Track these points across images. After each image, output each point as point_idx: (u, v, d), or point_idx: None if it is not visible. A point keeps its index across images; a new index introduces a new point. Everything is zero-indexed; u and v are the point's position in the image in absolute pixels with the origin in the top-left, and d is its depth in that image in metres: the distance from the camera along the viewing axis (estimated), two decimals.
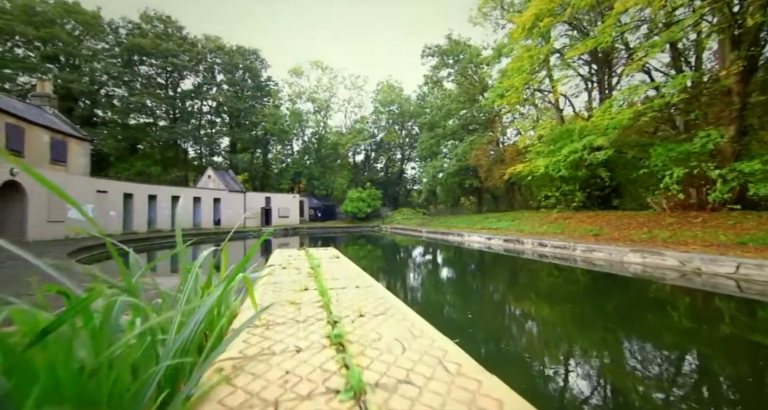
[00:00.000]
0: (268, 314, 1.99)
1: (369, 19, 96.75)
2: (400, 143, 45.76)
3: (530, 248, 12.87)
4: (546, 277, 9.00)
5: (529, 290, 7.69)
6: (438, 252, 16.69)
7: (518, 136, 28.75)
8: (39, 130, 15.19)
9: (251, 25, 78.62)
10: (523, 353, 4.14)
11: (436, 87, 32.61)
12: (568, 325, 5.15)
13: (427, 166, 29.39)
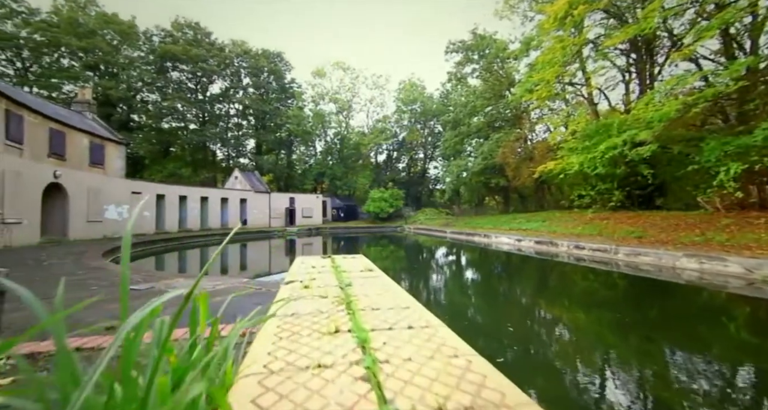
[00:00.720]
0: None
1: (369, 19, 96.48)
2: (423, 142, 45.11)
3: (565, 250, 12.07)
4: (591, 283, 8.31)
5: (576, 300, 7.08)
6: (466, 255, 16.11)
7: (548, 132, 27.52)
8: (79, 134, 15.99)
9: (251, 24, 79.84)
10: (592, 386, 3.66)
11: (460, 84, 31.80)
12: (626, 341, 4.58)
13: (450, 165, 28.69)
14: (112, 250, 12.39)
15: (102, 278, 5.69)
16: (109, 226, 17.31)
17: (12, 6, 30.65)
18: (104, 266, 7.13)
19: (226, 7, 73.88)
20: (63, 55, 33.56)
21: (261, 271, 12.64)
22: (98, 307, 3.73)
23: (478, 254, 15.62)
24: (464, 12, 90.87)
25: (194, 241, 20.65)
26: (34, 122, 13.24)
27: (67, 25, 32.10)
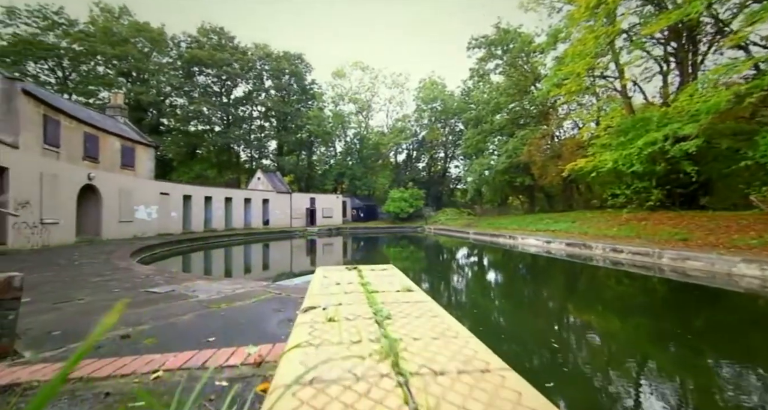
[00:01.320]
0: None
1: (369, 19, 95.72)
2: (443, 141, 44.35)
3: (600, 253, 11.29)
4: (633, 290, 7.65)
5: (618, 309, 6.49)
6: (491, 257, 15.50)
7: (575, 129, 26.27)
8: (111, 137, 16.64)
9: (251, 24, 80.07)
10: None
11: (482, 80, 30.93)
12: (680, 357, 4.04)
13: (473, 164, 27.94)
14: (141, 249, 12.74)
15: (125, 279, 5.69)
16: (139, 226, 17.93)
17: (54, 18, 32.59)
18: (131, 267, 7.21)
19: (226, 7, 74.91)
20: (99, 63, 35.36)
21: (282, 271, 12.63)
22: None
23: (505, 257, 14.97)
24: (464, 12, 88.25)
25: (219, 241, 21.10)
26: (70, 126, 13.84)
27: (103, 35, 33.78)
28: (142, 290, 4.69)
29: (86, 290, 4.79)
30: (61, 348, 2.66)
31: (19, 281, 2.75)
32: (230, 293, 4.52)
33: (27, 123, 11.40)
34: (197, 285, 5.10)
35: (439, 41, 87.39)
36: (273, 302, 4.05)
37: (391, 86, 44.23)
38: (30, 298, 4.24)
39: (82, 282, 5.41)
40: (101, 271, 6.58)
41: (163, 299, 4.16)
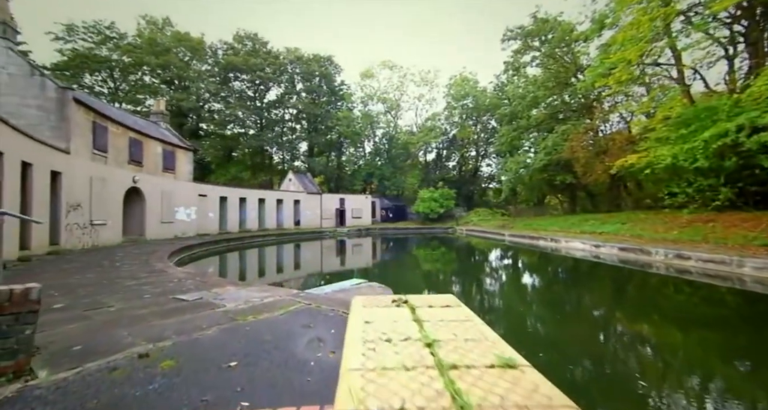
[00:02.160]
0: None
1: (369, 19, 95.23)
2: (475, 139, 42.87)
3: (662, 260, 10.04)
4: (711, 306, 6.59)
5: (696, 328, 5.56)
6: (533, 262, 14.46)
7: (622, 122, 24.17)
8: (154, 142, 17.46)
9: (251, 24, 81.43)
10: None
11: (517, 74, 29.39)
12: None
13: (508, 162, 26.57)
14: (180, 249, 13.15)
15: (158, 283, 5.64)
16: (179, 226, 18.70)
17: (106, 33, 35.21)
18: (166, 269, 7.26)
19: (226, 7, 76.75)
20: (145, 73, 37.77)
21: (313, 271, 12.49)
22: (142, 321, 3.44)
23: (549, 262, 13.89)
24: (464, 13, 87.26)
25: (253, 241, 21.59)
26: (117, 132, 14.62)
27: (148, 46, 36.01)
28: (171, 297, 4.54)
29: (119, 295, 4.73)
30: (77, 367, 2.44)
31: (37, 293, 2.57)
32: (258, 303, 4.25)
33: (78, 130, 12.11)
34: (226, 292, 4.90)
35: (439, 42, 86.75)
36: (302, 315, 3.71)
37: (420, 84, 43.49)
38: (64, 303, 4.21)
39: (117, 286, 5.41)
40: (137, 273, 6.65)
41: (189, 309, 3.96)
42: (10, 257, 7.91)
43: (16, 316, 2.46)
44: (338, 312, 3.80)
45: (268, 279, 11.81)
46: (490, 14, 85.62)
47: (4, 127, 7.78)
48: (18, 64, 11.19)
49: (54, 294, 4.80)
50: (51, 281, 5.86)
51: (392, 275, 11.70)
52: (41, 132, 11.15)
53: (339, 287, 5.36)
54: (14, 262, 7.76)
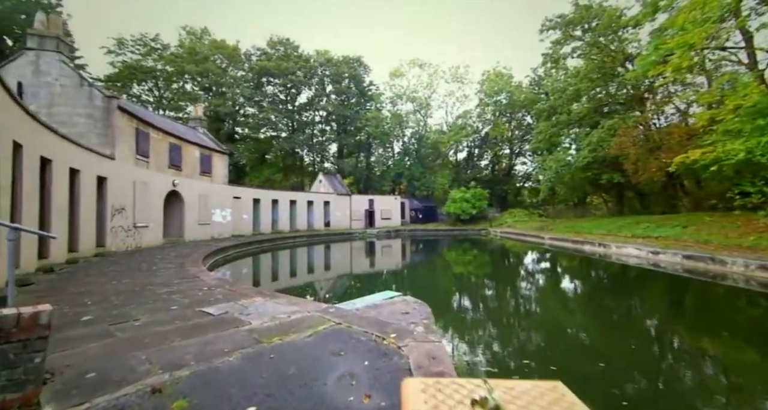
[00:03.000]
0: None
1: (369, 19, 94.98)
2: (509, 137, 41.04)
3: (741, 272, 8.67)
4: None
5: None
6: (581, 270, 13.25)
7: (676, 114, 21.81)
8: (192, 147, 18.12)
9: (252, 24, 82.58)
10: None
11: (556, 67, 27.60)
12: None
13: (546, 160, 24.97)
14: (215, 251, 13.43)
15: (188, 292, 5.53)
16: (216, 228, 19.30)
17: (151, 45, 37.54)
18: (198, 274, 7.24)
19: (225, 7, 78.25)
20: (186, 81, 39.86)
21: (341, 275, 12.21)
22: (163, 341, 3.21)
23: (599, 270, 12.67)
24: (464, 13, 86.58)
25: (284, 242, 21.88)
26: (158, 137, 15.27)
27: (189, 55, 37.95)
28: (198, 310, 4.35)
29: (148, 305, 4.63)
30: (85, 404, 2.18)
31: (47, 317, 2.35)
32: (285, 320, 3.92)
33: (122, 136, 12.70)
34: (253, 305, 4.64)
35: (439, 42, 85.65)
36: (332, 339, 3.31)
37: (451, 81, 42.31)
38: (93, 315, 4.13)
39: (148, 294, 5.36)
40: (170, 280, 6.64)
41: (213, 326, 3.70)
42: (58, 259, 8.31)
43: (24, 343, 2.25)
44: (371, 337, 3.36)
45: (298, 281, 11.70)
46: (490, 14, 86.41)
47: (53, 136, 8.17)
48: (69, 76, 11.91)
49: (87, 303, 4.79)
50: (89, 287, 5.96)
51: (425, 283, 11.06)
52: (89, 139, 11.79)
53: (370, 301, 4.94)
54: (62, 265, 8.12)
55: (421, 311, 4.30)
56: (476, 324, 6.68)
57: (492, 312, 7.50)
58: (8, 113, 5.79)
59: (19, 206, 6.33)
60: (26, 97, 11.36)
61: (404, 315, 4.14)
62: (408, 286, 10.27)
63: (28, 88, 11.47)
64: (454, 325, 6.39)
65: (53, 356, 2.87)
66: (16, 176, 6.26)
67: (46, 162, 7.82)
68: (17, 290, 5.50)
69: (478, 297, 9.08)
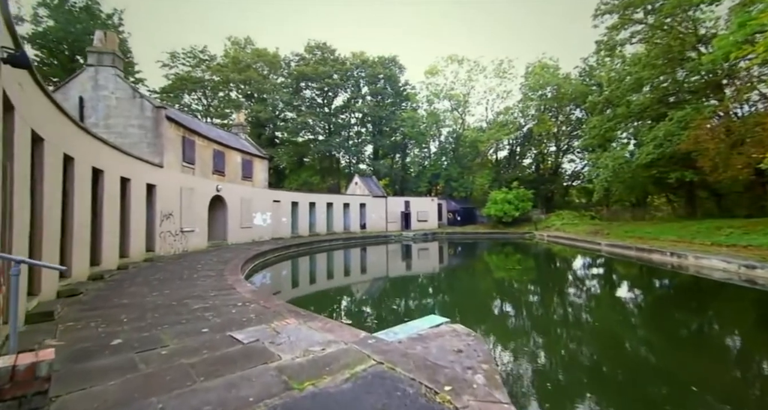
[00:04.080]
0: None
1: (369, 19, 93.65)
2: (555, 133, 38.26)
3: None
4: None
5: None
6: (655, 285, 11.56)
7: (762, 101, 18.64)
8: (234, 152, 18.69)
9: (252, 24, 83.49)
10: None
11: (612, 55, 25.03)
12: None
13: (601, 157, 22.66)
14: (255, 256, 13.56)
15: (221, 308, 5.31)
16: (256, 231, 19.78)
17: (200, 56, 39.95)
18: (236, 285, 7.10)
19: (224, 7, 79.82)
20: (230, 89, 41.92)
21: (379, 292, 11.70)
22: (185, 380, 2.85)
23: (678, 287, 10.95)
24: (464, 13, 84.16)
25: (321, 245, 21.95)
26: (203, 145, 15.85)
27: (233, 64, 39.84)
28: (228, 335, 4.02)
29: (179, 326, 4.41)
30: None
31: (46, 368, 2.02)
32: (318, 355, 3.43)
33: (170, 144, 13.25)
34: (286, 329, 4.23)
35: (439, 42, 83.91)
36: (373, 387, 2.75)
37: (491, 76, 40.37)
38: (124, 338, 3.95)
39: (183, 310, 5.20)
40: (207, 292, 6.53)
41: (241, 360, 3.31)
42: (110, 266, 8.67)
43: (19, 401, 1.94)
44: (420, 389, 2.75)
45: (333, 289, 11.39)
46: (490, 13, 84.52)
47: (105, 147, 8.53)
48: (123, 88, 12.63)
49: (123, 320, 4.68)
50: (131, 298, 5.97)
51: (472, 301, 9.81)
52: (141, 148, 12.40)
53: (414, 329, 4.32)
54: (112, 272, 8.44)
55: (478, 349, 3.60)
56: (549, 372, 5.11)
57: (569, 352, 5.88)
58: (58, 126, 5.94)
59: (71, 216, 6.54)
60: (87, 110, 12.20)
61: (457, 355, 3.48)
62: (453, 304, 9.40)
63: (89, 102, 12.31)
64: (518, 369, 5.11)
65: (68, 397, 2.60)
66: (67, 187, 6.46)
67: (98, 173, 8.15)
68: (63, 301, 5.62)
69: (543, 324, 7.51)
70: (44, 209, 5.19)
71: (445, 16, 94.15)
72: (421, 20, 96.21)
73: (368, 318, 7.98)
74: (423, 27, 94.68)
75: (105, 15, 27.91)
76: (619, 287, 11.40)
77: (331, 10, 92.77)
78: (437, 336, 4.03)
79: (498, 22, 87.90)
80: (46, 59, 26.61)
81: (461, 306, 8.97)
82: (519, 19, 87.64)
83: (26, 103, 4.31)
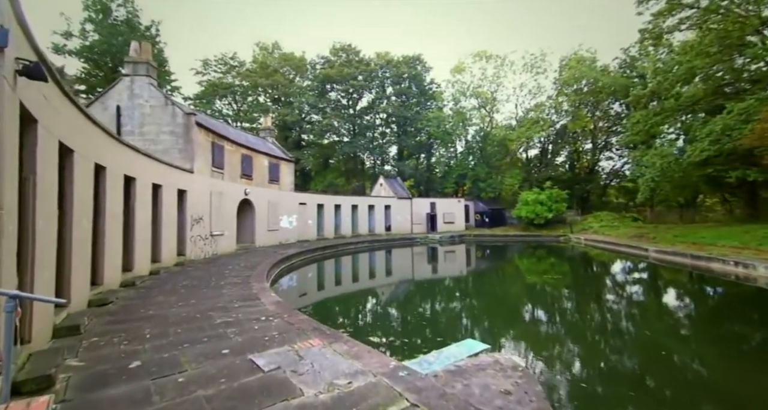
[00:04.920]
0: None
1: (369, 19, 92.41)
2: (592, 129, 36.03)
3: None
4: None
5: None
6: (726, 302, 10.25)
7: None
8: (261, 156, 18.92)
9: (251, 24, 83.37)
10: None
11: (657, 44, 23.06)
12: None
13: (647, 154, 20.85)
14: (281, 260, 13.53)
15: (245, 324, 5.11)
16: (283, 233, 19.94)
17: (231, 63, 41.28)
18: (260, 295, 6.93)
19: (223, 7, 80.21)
20: (258, 93, 43.01)
21: (408, 302, 11.23)
22: None
23: (754, 302, 9.65)
24: (464, 12, 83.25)
25: (346, 248, 21.80)
26: (231, 149, 16.11)
27: (261, 69, 40.84)
28: (248, 360, 3.74)
29: (199, 346, 4.20)
30: None
31: None
32: (344, 390, 3.06)
33: (200, 150, 13.52)
34: (310, 353, 3.90)
35: (439, 42, 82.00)
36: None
37: (521, 72, 38.69)
38: (143, 359, 3.77)
39: (206, 326, 5.03)
40: (232, 302, 6.39)
41: (259, 395, 3.00)
42: (142, 272, 8.83)
43: None
44: None
45: (359, 296, 11.08)
46: (489, 12, 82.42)
47: (137, 155, 8.69)
48: (156, 96, 13.02)
49: (146, 335, 4.56)
50: (157, 309, 5.91)
51: (512, 318, 8.80)
52: (173, 154, 12.71)
53: (450, 358, 3.85)
54: (144, 278, 8.58)
55: (529, 390, 3.08)
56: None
57: (646, 393, 4.56)
58: (89, 137, 5.98)
59: (102, 225, 6.61)
60: (123, 118, 12.68)
61: (505, 398, 2.97)
62: (489, 320, 8.59)
63: (125, 111, 12.79)
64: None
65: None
66: (99, 196, 6.53)
67: (130, 180, 8.30)
68: (93, 311, 5.63)
69: (602, 352, 6.31)
70: (74, 221, 5.20)
71: (445, 16, 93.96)
72: (420, 20, 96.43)
73: (397, 333, 7.49)
74: (422, 26, 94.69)
75: (144, 27, 29.38)
76: (687, 303, 10.17)
77: (329, 10, 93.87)
78: (478, 370, 3.53)
79: (498, 23, 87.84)
80: (92, 71, 28.43)
81: (499, 324, 8.23)
82: (518, 18, 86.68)
83: (52, 115, 4.27)
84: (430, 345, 6.00)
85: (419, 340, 6.75)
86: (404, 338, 7.00)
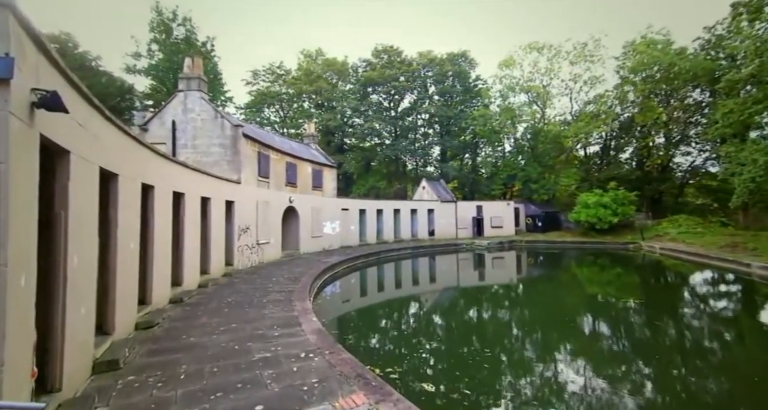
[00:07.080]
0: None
1: (368, 19, 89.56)
2: (665, 121, 31.69)
3: None
4: None
5: None
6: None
7: None
8: (305, 163, 19.02)
9: (251, 24, 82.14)
10: None
11: (755, 18, 19.35)
12: None
13: (747, 150, 17.47)
14: (324, 270, 13.26)
15: (284, 364, 4.67)
16: (327, 240, 19.90)
17: (277, 72, 42.91)
18: (301, 320, 6.51)
19: (222, 6, 79.99)
20: (303, 100, 44.20)
21: (460, 331, 10.11)
22: None
23: None
24: (464, 12, 79.96)
25: (390, 254, 21.19)
26: (276, 158, 16.30)
27: (305, 76, 41.90)
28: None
29: (232, 397, 3.73)
30: None
31: None
32: None
33: (246, 161, 13.74)
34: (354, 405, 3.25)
35: (438, 42, 76.69)
36: None
37: (576, 61, 35.25)
38: (168, 391, 3.39)
39: (242, 362, 4.65)
40: (272, 329, 6.01)
41: None
42: (190, 286, 8.94)
43: None
44: None
45: (405, 309, 10.27)
46: (490, 12, 78.89)
47: (185, 170, 8.82)
48: (207, 110, 13.45)
49: (181, 376, 4.24)
50: (198, 338, 5.66)
51: (595, 355, 6.91)
52: (221, 166, 13.02)
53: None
54: (192, 293, 8.66)
55: None
56: None
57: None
58: (135, 158, 5.93)
59: (150, 244, 6.62)
60: (178, 132, 13.26)
61: None
62: (568, 364, 6.66)
63: (180, 125, 13.38)
64: None
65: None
66: (147, 215, 6.53)
67: (179, 196, 8.41)
68: (138, 336, 5.53)
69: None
70: (119, 246, 5.12)
71: (445, 16, 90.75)
72: (421, 20, 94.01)
73: (455, 378, 5.81)
74: (422, 26, 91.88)
75: (200, 43, 31.43)
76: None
77: (327, 10, 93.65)
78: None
79: (497, 22, 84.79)
80: (158, 87, 31.04)
81: (584, 369, 6.40)
82: (519, 18, 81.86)
83: (89, 142, 4.11)
84: (492, 391, 5.04)
85: (481, 385, 5.70)
86: (463, 386, 5.45)
